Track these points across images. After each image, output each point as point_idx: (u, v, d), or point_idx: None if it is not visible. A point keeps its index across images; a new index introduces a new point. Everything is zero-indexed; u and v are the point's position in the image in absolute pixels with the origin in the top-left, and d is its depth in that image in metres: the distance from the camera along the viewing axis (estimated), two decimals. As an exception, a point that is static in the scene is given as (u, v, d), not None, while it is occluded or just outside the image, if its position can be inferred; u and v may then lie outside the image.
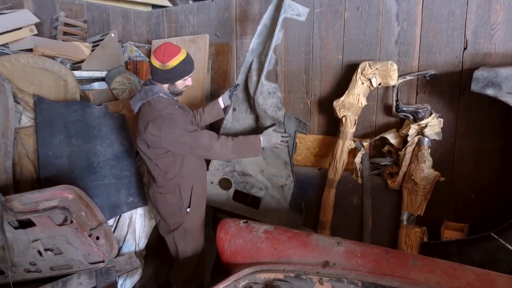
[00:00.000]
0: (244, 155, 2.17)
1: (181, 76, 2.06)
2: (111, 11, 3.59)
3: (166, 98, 2.08)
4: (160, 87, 2.09)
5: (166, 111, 2.00)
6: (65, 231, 1.83)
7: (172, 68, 1.99)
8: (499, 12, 2.13)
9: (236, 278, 1.66)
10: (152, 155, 2.08)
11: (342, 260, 1.61)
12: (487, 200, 2.28)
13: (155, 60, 2.00)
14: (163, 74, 2.02)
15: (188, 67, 2.07)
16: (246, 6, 3.11)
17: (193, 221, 2.24)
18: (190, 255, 2.29)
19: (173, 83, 2.07)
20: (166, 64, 1.98)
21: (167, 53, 1.98)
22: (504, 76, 1.87)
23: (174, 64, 1.99)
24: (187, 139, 1.98)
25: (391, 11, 2.46)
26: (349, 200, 2.60)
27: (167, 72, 2.00)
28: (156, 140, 1.97)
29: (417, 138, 2.30)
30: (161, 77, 2.04)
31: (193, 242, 2.28)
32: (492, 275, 1.40)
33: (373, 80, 2.37)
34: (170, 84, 2.08)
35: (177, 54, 2.00)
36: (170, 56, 1.98)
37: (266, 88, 2.25)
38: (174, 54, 1.99)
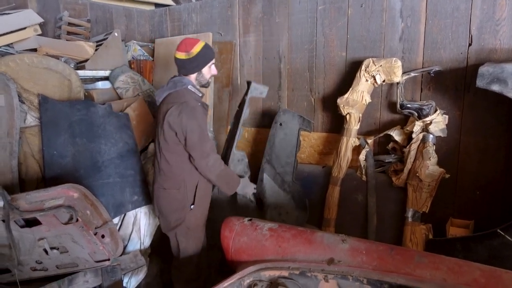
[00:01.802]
0: (221, 184, 2.21)
1: (205, 62, 2.16)
2: (114, 10, 3.60)
3: (192, 92, 2.17)
4: (189, 80, 2.18)
5: (192, 102, 2.09)
6: (70, 229, 1.83)
7: (196, 55, 2.11)
8: (504, 7, 2.11)
9: (241, 276, 1.66)
10: (164, 144, 2.12)
11: (347, 257, 1.61)
12: (492, 196, 2.26)
13: (179, 53, 2.13)
14: (190, 63, 2.13)
15: (210, 52, 2.19)
16: (249, 4, 3.10)
17: (196, 219, 2.25)
18: (191, 253, 2.29)
19: (200, 70, 2.17)
20: (190, 51, 2.10)
21: (189, 43, 2.13)
22: (510, 71, 1.86)
23: (197, 50, 2.11)
24: (195, 136, 2.03)
25: (395, 8, 2.44)
26: (354, 197, 2.59)
27: (193, 60, 2.12)
28: (172, 121, 2.03)
29: (421, 135, 2.29)
30: (189, 67, 2.15)
31: (195, 240, 2.28)
32: (498, 271, 1.39)
33: (377, 77, 2.36)
34: (198, 73, 2.18)
35: (197, 42, 2.14)
36: (192, 45, 2.12)
37: (236, 156, 2.58)
38: (195, 43, 2.14)
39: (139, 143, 2.71)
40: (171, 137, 2.07)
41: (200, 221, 2.30)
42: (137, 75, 3.22)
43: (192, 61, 2.12)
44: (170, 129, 2.05)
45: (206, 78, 2.22)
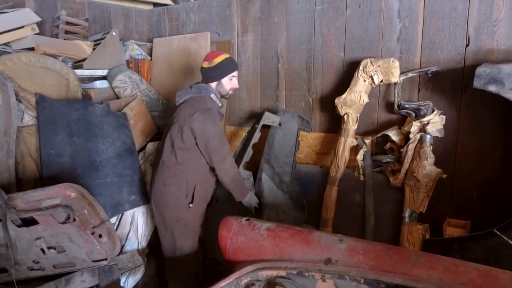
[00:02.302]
0: (233, 188, 2.30)
1: (226, 72, 2.27)
2: (112, 9, 3.59)
3: (213, 101, 2.28)
4: (212, 89, 2.29)
5: (214, 110, 2.22)
6: (67, 229, 1.83)
7: (217, 64, 2.24)
8: (502, 8, 2.12)
9: (238, 276, 1.66)
10: (179, 143, 2.18)
11: (344, 257, 1.61)
12: (489, 197, 2.27)
13: (204, 63, 2.28)
14: (211, 72, 2.26)
15: (232, 64, 2.30)
16: (247, 4, 3.10)
17: (194, 218, 2.31)
18: (187, 252, 2.32)
19: (220, 80, 2.28)
20: (212, 61, 2.25)
21: (213, 54, 2.29)
22: (507, 72, 1.87)
23: (219, 60, 2.25)
24: (217, 141, 2.16)
25: (393, 8, 2.45)
26: (351, 197, 2.60)
27: (214, 69, 2.25)
28: (197, 127, 2.12)
29: (419, 135, 2.30)
30: (210, 76, 2.27)
31: (192, 239, 2.33)
32: (495, 271, 1.39)
33: (375, 77, 2.36)
34: (218, 83, 2.29)
35: (221, 54, 2.29)
36: (215, 55, 2.28)
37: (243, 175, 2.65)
38: (219, 54, 2.28)
39: (136, 143, 2.71)
40: (189, 139, 2.15)
41: (198, 221, 2.35)
42: (135, 74, 3.22)
43: (213, 70, 2.25)
44: (191, 132, 2.14)
45: (226, 89, 2.31)
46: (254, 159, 2.72)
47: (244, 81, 3.23)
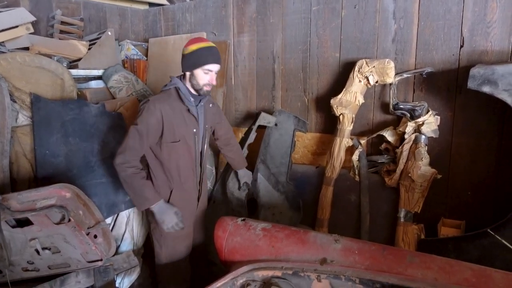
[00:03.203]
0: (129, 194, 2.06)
1: (198, 63, 1.99)
2: (108, 9, 3.57)
3: (175, 95, 2.06)
4: (180, 80, 2.09)
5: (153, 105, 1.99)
6: (62, 229, 1.82)
7: (190, 52, 2.00)
8: (495, 10, 2.14)
9: (234, 276, 1.66)
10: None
11: (340, 257, 1.62)
12: (483, 197, 2.29)
13: (183, 48, 2.06)
14: (184, 60, 2.04)
15: (208, 55, 2.00)
16: (243, 4, 3.10)
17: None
18: (163, 261, 2.22)
19: (192, 70, 2.03)
20: (186, 47, 2.02)
21: (192, 41, 2.05)
22: (500, 73, 1.88)
23: (193, 48, 2.00)
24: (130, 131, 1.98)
25: (388, 9, 2.46)
26: (347, 197, 2.61)
27: (186, 57, 2.02)
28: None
29: (414, 135, 2.31)
30: (183, 64, 2.06)
31: (168, 249, 2.20)
32: (489, 271, 1.41)
33: (370, 78, 2.38)
34: (191, 75, 2.04)
35: (200, 42, 2.02)
36: (192, 42, 2.03)
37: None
38: (197, 42, 2.02)
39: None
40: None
41: (176, 233, 2.13)
42: (131, 74, 3.21)
43: (187, 58, 2.02)
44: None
45: (198, 83, 2.03)
46: (250, 160, 2.72)
47: (240, 82, 3.23)
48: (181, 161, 2.12)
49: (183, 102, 2.06)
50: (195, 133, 2.13)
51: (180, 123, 2.06)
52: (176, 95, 2.07)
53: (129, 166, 1.97)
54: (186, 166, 2.14)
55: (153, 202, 2.01)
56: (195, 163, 2.19)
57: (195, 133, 2.12)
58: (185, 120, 2.08)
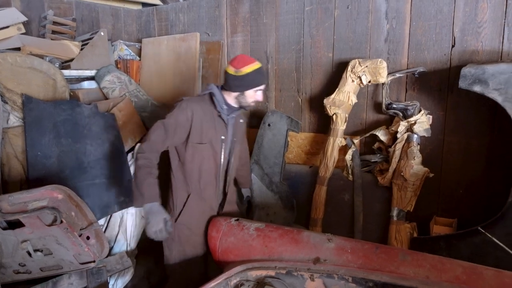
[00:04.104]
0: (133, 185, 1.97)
1: (251, 85, 2.01)
2: (101, 9, 3.56)
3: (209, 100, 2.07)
4: (218, 89, 2.09)
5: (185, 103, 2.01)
6: (54, 231, 1.81)
7: (244, 75, 1.98)
8: (486, 10, 2.16)
9: (228, 276, 1.66)
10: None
11: (333, 256, 1.62)
12: (475, 195, 2.31)
13: (229, 67, 2.02)
14: (235, 81, 2.01)
15: (260, 77, 2.04)
16: (237, 4, 3.10)
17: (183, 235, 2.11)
18: (171, 266, 2.17)
19: (243, 92, 2.03)
20: (239, 69, 1.98)
21: (242, 60, 2.01)
22: (491, 73, 1.90)
23: (247, 71, 1.98)
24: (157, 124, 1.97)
25: (381, 9, 2.48)
26: (340, 197, 2.62)
27: (239, 78, 1.99)
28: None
29: (406, 135, 2.33)
30: (232, 84, 2.02)
31: (179, 255, 2.14)
32: (479, 268, 1.42)
33: (363, 77, 2.39)
34: (240, 94, 2.04)
35: (251, 63, 2.00)
36: (245, 63, 1.99)
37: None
38: (249, 62, 2.00)
39: (125, 144, 2.68)
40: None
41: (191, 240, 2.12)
42: (124, 75, 3.19)
43: (238, 79, 1.99)
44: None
45: (247, 101, 2.06)
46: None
47: (233, 82, 3.23)
48: (204, 164, 2.08)
49: (215, 107, 2.07)
50: (223, 140, 2.10)
51: (209, 126, 2.05)
52: (210, 100, 2.08)
53: (143, 157, 1.92)
54: (208, 171, 2.10)
55: (147, 201, 1.88)
56: (219, 171, 2.14)
57: (223, 140, 2.10)
58: (215, 125, 2.07)
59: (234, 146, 2.18)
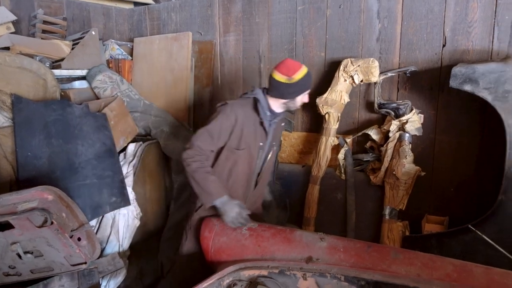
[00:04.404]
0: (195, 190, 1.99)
1: (303, 90, 2.01)
2: (92, 8, 3.52)
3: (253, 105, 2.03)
4: (263, 94, 2.06)
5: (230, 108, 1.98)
6: (45, 233, 1.78)
7: (297, 81, 1.96)
8: (476, 10, 2.18)
9: (220, 276, 1.66)
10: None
11: (325, 255, 1.63)
12: (466, 193, 2.33)
13: (279, 75, 1.97)
14: (287, 88, 1.98)
15: (310, 80, 2.04)
16: (229, 3, 3.10)
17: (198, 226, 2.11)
18: (181, 252, 2.21)
19: (295, 97, 2.02)
20: (292, 77, 1.95)
21: (292, 67, 1.97)
22: (481, 72, 1.92)
23: (299, 77, 1.96)
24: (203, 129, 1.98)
25: (372, 9, 2.49)
26: (333, 196, 2.62)
27: (292, 86, 1.97)
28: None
29: (398, 134, 2.34)
30: (285, 92, 1.99)
31: (191, 244, 2.16)
32: (469, 266, 1.43)
33: (355, 77, 2.40)
34: (291, 99, 2.02)
35: (301, 67, 1.98)
36: (295, 70, 1.97)
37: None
38: (299, 68, 1.98)
39: (117, 144, 2.66)
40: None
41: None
42: (116, 74, 3.17)
43: (291, 87, 1.96)
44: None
45: (296, 105, 2.06)
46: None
47: (226, 81, 3.22)
48: (236, 167, 2.09)
49: (258, 114, 2.04)
50: (261, 146, 2.09)
51: (250, 132, 2.04)
52: (254, 106, 2.05)
53: (193, 160, 1.94)
54: (239, 173, 2.10)
55: (216, 197, 1.92)
56: (252, 175, 2.15)
57: (260, 147, 2.09)
58: (255, 132, 2.05)
59: (271, 150, 2.17)
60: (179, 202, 2.98)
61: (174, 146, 2.95)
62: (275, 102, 2.05)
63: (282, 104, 2.05)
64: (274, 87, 2.00)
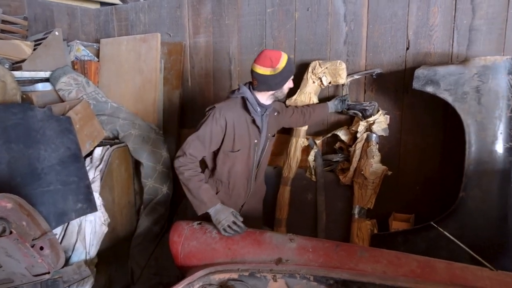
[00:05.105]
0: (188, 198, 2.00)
1: (288, 77, 2.03)
2: (55, 8, 3.40)
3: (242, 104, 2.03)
4: (250, 91, 2.04)
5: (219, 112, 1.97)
6: (4, 242, 1.70)
7: (282, 70, 1.97)
8: (437, 14, 2.26)
9: (190, 281, 1.64)
10: None
11: (295, 256, 1.64)
12: (431, 191, 2.41)
13: (262, 68, 1.96)
14: (274, 80, 1.98)
15: (292, 65, 2.07)
16: (198, 5, 3.07)
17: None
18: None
19: (282, 86, 2.02)
20: (276, 67, 1.95)
21: (274, 57, 1.96)
22: (442, 74, 2.00)
23: (283, 65, 1.97)
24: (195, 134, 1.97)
25: (339, 12, 2.53)
26: (304, 196, 2.65)
27: (278, 75, 1.97)
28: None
29: (366, 134, 2.39)
30: (272, 83, 1.99)
31: None
32: (432, 261, 1.48)
33: (323, 79, 2.43)
34: (278, 89, 2.03)
35: (281, 55, 1.98)
36: (277, 59, 1.96)
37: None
38: (279, 56, 1.97)
39: (83, 148, 2.57)
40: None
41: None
42: (81, 76, 3.07)
43: (277, 77, 1.97)
44: None
45: (284, 92, 2.08)
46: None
47: (197, 83, 3.19)
48: (235, 167, 2.11)
49: (249, 112, 2.04)
50: (256, 144, 2.10)
51: (242, 133, 2.04)
52: (243, 105, 2.04)
53: (186, 168, 1.95)
54: (238, 174, 2.13)
55: (209, 206, 1.92)
56: (251, 173, 2.17)
57: (255, 144, 2.10)
58: (248, 131, 2.06)
59: (266, 144, 2.19)
60: (149, 207, 2.92)
61: (144, 149, 2.89)
62: (263, 96, 2.06)
63: (270, 95, 2.06)
64: (260, 82, 2.00)
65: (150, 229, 2.90)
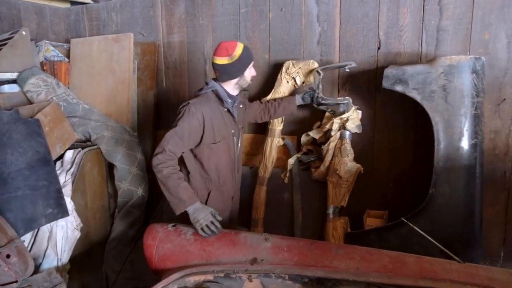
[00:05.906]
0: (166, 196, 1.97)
1: (247, 63, 2.08)
2: (22, 6, 3.28)
3: (214, 97, 2.08)
4: (218, 83, 2.10)
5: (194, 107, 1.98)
6: (-34, 251, 1.63)
7: (239, 57, 2.02)
8: (406, 15, 2.32)
9: (165, 284, 1.61)
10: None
11: (270, 255, 1.64)
12: (403, 188, 2.47)
13: (220, 59, 2.03)
14: (234, 67, 2.04)
15: (250, 52, 2.11)
16: (172, 4, 3.03)
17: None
18: None
19: (243, 73, 2.08)
20: (233, 54, 2.01)
21: (229, 46, 2.03)
22: (410, 73, 2.05)
23: (239, 52, 2.02)
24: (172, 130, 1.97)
25: (312, 12, 2.56)
26: (280, 196, 2.66)
27: (236, 63, 2.03)
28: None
29: (339, 133, 2.41)
30: (232, 71, 2.05)
31: None
32: (403, 256, 1.52)
33: (297, 78, 2.45)
34: (240, 77, 2.09)
35: (236, 44, 2.04)
36: (232, 47, 2.02)
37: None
38: (235, 45, 2.04)
39: (53, 151, 2.49)
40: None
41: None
42: (51, 77, 2.97)
43: (235, 65, 2.03)
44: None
45: (247, 81, 2.14)
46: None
47: (171, 84, 3.15)
48: (221, 162, 2.14)
49: (222, 104, 2.09)
50: (233, 133, 2.16)
51: (220, 124, 2.08)
52: (215, 98, 2.09)
53: (164, 166, 1.93)
54: (225, 167, 2.16)
55: (188, 204, 1.91)
56: (234, 164, 2.22)
57: (233, 134, 2.15)
58: (225, 121, 2.10)
59: (239, 135, 2.25)
60: (124, 210, 2.86)
61: (117, 151, 2.82)
62: (228, 86, 2.12)
63: (235, 85, 2.13)
64: (221, 72, 2.06)
65: (125, 233, 2.84)
